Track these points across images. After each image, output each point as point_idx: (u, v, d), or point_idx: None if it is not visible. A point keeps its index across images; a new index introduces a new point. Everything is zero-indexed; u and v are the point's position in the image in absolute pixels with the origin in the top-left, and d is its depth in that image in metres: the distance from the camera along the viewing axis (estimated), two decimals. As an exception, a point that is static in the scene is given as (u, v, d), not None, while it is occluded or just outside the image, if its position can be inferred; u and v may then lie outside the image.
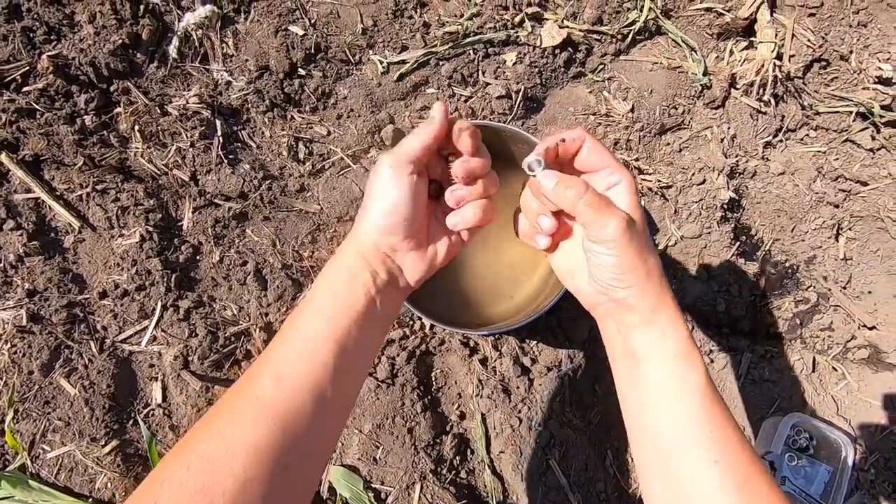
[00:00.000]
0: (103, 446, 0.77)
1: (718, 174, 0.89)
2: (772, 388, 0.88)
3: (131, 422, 0.80)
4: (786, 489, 0.76)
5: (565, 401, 0.84)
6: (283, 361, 0.39)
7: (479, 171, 0.46)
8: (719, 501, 0.37)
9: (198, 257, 0.86)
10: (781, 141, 0.93)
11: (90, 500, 0.76)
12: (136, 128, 0.84)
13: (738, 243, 0.89)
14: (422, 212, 0.45)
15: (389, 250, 0.45)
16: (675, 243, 0.90)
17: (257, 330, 0.83)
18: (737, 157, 0.92)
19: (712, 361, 0.89)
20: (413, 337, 0.85)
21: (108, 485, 0.77)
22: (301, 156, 0.88)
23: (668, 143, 0.93)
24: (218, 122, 0.86)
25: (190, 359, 0.81)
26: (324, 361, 0.40)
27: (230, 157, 0.87)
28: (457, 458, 0.81)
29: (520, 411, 0.83)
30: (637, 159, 0.92)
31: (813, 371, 0.89)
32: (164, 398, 0.81)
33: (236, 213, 0.86)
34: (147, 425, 0.80)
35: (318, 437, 0.40)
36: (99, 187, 0.84)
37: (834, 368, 0.89)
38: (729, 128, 0.92)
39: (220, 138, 0.86)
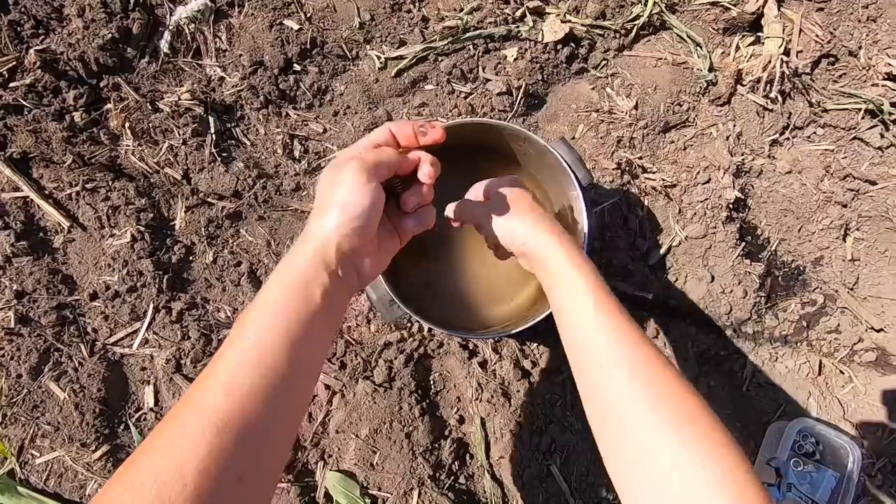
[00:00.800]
0: (93, 451, 0.75)
1: (724, 173, 0.87)
2: (777, 391, 0.86)
3: (122, 426, 0.78)
4: (791, 496, 0.75)
5: (567, 405, 0.83)
6: (234, 373, 0.37)
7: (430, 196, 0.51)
8: (612, 394, 0.43)
9: (190, 258, 0.84)
10: (788, 139, 0.91)
11: (80, 506, 0.75)
12: (127, 125, 0.82)
13: (743, 244, 0.87)
14: (379, 217, 0.46)
15: (351, 253, 0.44)
16: (680, 243, 0.88)
17: (251, 332, 0.81)
18: (742, 155, 0.90)
19: (717, 364, 0.87)
20: (411, 340, 0.83)
21: (99, 491, 0.75)
22: (296, 154, 0.86)
23: (673, 141, 0.91)
24: (211, 119, 0.84)
25: (182, 362, 0.79)
26: (277, 368, 0.38)
27: (223, 154, 0.84)
28: (455, 463, 0.80)
29: (520, 416, 0.81)
30: (640, 157, 0.90)
31: (819, 374, 0.87)
32: (157, 402, 0.79)
33: (230, 212, 0.84)
34: (139, 430, 0.78)
35: (273, 444, 0.39)
36: (89, 186, 0.82)
37: (841, 371, 0.87)
38: (735, 125, 0.90)
39: (213, 136, 0.84)
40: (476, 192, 0.61)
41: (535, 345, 0.85)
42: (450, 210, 0.62)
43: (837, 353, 0.88)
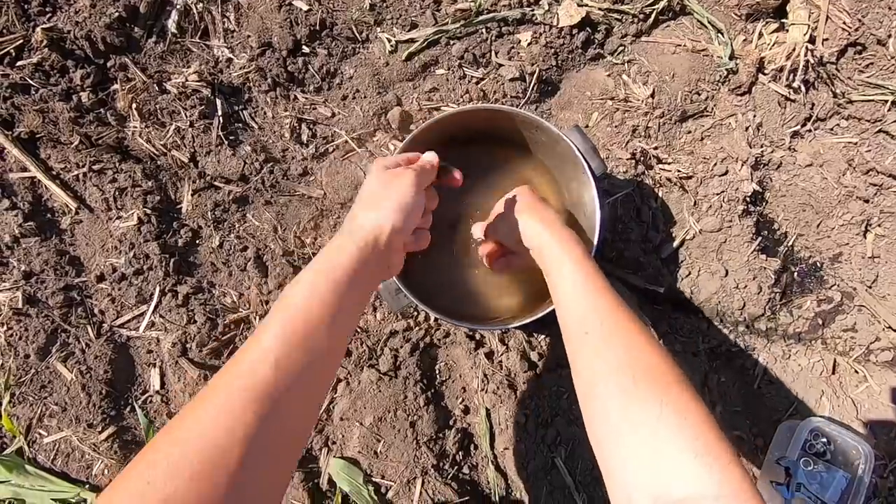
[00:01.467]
0: (100, 432, 0.76)
1: (742, 165, 0.84)
2: (789, 389, 0.85)
3: (129, 408, 0.78)
4: (800, 496, 0.74)
5: (573, 398, 0.82)
6: (279, 345, 0.39)
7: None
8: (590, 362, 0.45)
9: (197, 241, 0.83)
10: (810, 131, 0.88)
11: (87, 486, 0.75)
12: (134, 106, 0.81)
13: (759, 238, 0.85)
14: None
15: (394, 246, 0.49)
16: (694, 237, 0.86)
17: (257, 318, 0.80)
18: (762, 147, 0.87)
19: (728, 360, 0.85)
20: (417, 329, 0.82)
21: (105, 471, 0.76)
22: (304, 138, 0.85)
23: (690, 131, 0.89)
24: (218, 102, 0.83)
25: (188, 346, 0.79)
26: (319, 344, 0.41)
27: (231, 138, 0.83)
28: (459, 453, 0.79)
29: (526, 407, 0.80)
30: (656, 147, 0.87)
31: (833, 373, 0.85)
32: (163, 385, 0.79)
33: (237, 196, 0.83)
34: (145, 412, 0.78)
35: (307, 418, 0.42)
36: (96, 167, 0.81)
37: (855, 371, 0.85)
38: (755, 116, 0.87)
39: (221, 118, 0.83)
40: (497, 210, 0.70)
41: (543, 336, 0.84)
42: (476, 230, 0.73)
43: (853, 351, 0.86)
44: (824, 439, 0.79)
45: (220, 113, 0.83)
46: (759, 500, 0.33)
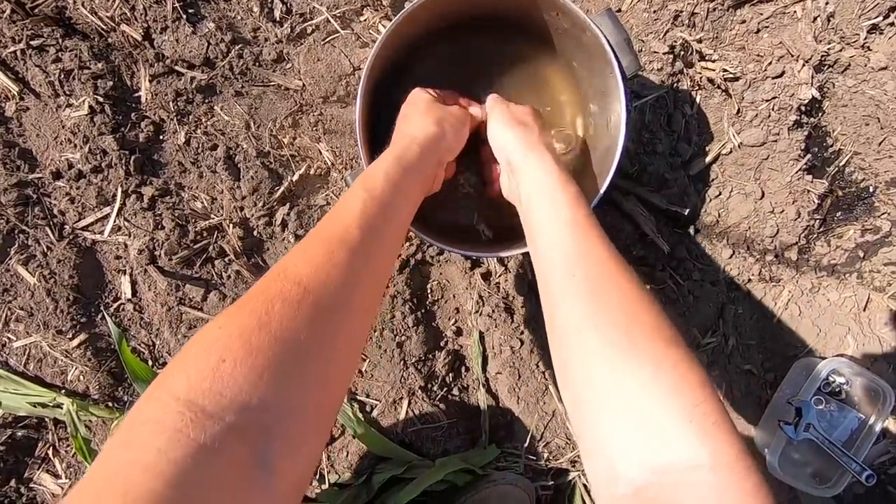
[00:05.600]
0: (70, 339, 0.72)
1: (803, 65, 0.70)
2: (812, 325, 0.78)
3: (100, 315, 0.74)
4: (809, 435, 0.69)
5: (574, 324, 0.75)
6: (364, 216, 0.41)
7: None
8: (574, 311, 0.38)
9: (161, 137, 0.73)
10: (893, 24, 0.72)
11: (63, 391, 0.73)
12: (71, -35, 0.67)
13: (808, 156, 0.73)
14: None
15: (444, 161, 0.55)
16: (731, 152, 0.74)
17: (231, 226, 0.73)
18: (830, 43, 0.72)
19: (749, 292, 0.78)
20: (408, 244, 0.74)
21: (81, 377, 0.73)
22: (277, 15, 0.71)
23: (744, 21, 0.73)
24: (173, -36, 0.69)
25: (157, 253, 0.72)
26: (399, 229, 0.47)
27: (190, 11, 0.70)
28: (450, 375, 0.75)
29: (522, 332, 0.74)
30: (700, 40, 0.73)
31: (864, 310, 0.77)
32: (134, 293, 0.74)
33: (201, 84, 0.71)
34: (118, 320, 0.74)
35: (382, 282, 0.45)
36: (34, 43, 0.69)
37: (890, 308, 0.77)
38: (828, 3, 0.71)
39: (177, -15, 0.69)
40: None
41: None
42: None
43: (891, 287, 0.77)
44: (842, 378, 0.73)
45: (175, -22, 0.69)
46: (757, 473, 0.29)
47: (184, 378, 0.29)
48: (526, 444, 0.74)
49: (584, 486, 0.76)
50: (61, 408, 0.72)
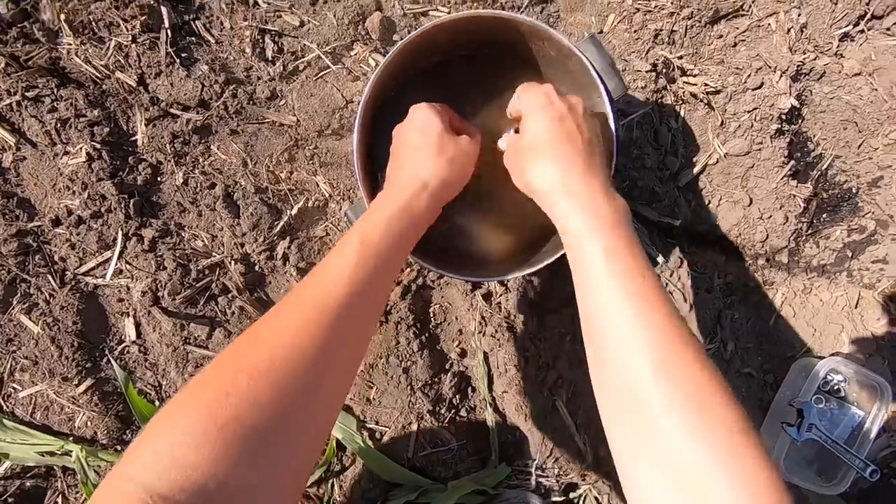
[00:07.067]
0: (77, 385, 0.72)
1: (781, 75, 0.72)
2: (807, 325, 0.79)
3: (105, 360, 0.74)
4: (812, 436, 0.71)
5: (576, 339, 0.77)
6: (352, 269, 0.41)
7: None
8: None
9: (159, 179, 0.74)
10: (863, 31, 0.75)
11: (71, 438, 0.73)
12: (63, 17, 0.68)
13: (791, 162, 0.75)
14: None
15: (443, 203, 0.52)
16: (717, 162, 0.76)
17: (233, 262, 0.73)
18: (804, 53, 0.75)
19: (745, 296, 0.79)
20: (409, 270, 0.75)
21: (89, 423, 0.73)
22: (269, 54, 0.73)
23: (721, 35, 0.76)
24: (164, 10, 0.70)
25: (160, 294, 0.72)
26: (389, 270, 0.45)
27: (183, 55, 0.71)
28: (456, 396, 0.76)
29: (526, 350, 0.75)
30: (681, 57, 0.75)
31: (856, 307, 0.79)
32: (139, 335, 0.74)
33: (197, 125, 0.72)
34: (122, 363, 0.74)
35: (366, 338, 0.45)
36: (29, 94, 0.70)
37: (881, 304, 0.79)
38: (800, 14, 0.74)
39: (168, 31, 0.70)
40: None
41: (545, 276, 0.77)
42: (503, 142, 0.61)
43: (880, 283, 0.79)
44: (840, 377, 0.75)
45: (166, 24, 0.70)
46: None
47: (143, 460, 0.29)
48: (536, 461, 0.75)
49: (596, 498, 0.77)
50: (70, 455, 0.71)
